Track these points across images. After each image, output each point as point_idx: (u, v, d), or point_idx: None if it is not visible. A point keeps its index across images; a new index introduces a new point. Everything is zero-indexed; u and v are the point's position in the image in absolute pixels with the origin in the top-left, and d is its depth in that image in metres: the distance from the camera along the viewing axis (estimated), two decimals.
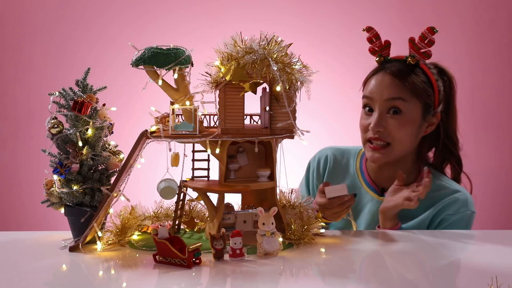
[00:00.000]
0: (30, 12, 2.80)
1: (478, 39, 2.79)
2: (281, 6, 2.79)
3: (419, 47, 1.60)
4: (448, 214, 1.59)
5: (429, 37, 1.57)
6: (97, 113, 1.35)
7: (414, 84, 1.60)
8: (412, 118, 1.61)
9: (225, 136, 1.32)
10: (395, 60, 1.65)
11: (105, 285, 1.14)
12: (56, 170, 1.31)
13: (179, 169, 1.37)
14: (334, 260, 1.28)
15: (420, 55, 1.61)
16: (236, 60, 1.30)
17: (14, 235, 1.46)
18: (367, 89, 1.65)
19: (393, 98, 1.60)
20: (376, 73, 1.65)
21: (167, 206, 1.50)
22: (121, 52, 2.36)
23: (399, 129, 1.60)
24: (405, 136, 1.61)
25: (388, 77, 1.61)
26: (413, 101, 1.60)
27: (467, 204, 1.61)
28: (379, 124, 1.61)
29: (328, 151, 1.82)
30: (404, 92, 1.60)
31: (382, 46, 1.65)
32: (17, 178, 2.86)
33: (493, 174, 2.81)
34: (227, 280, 1.15)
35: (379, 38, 1.64)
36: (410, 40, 1.60)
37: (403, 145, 1.63)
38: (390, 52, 1.66)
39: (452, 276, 1.21)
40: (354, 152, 1.80)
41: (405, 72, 1.61)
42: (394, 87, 1.60)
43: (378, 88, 1.62)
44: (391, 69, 1.62)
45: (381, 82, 1.62)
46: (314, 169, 1.82)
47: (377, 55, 1.66)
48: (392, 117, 1.60)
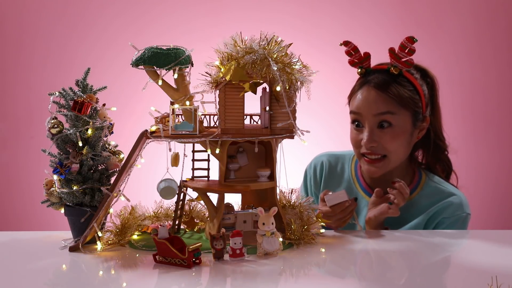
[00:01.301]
0: (30, 12, 2.80)
1: (478, 39, 2.79)
2: (281, 6, 2.78)
3: (400, 57, 1.57)
4: (443, 217, 1.59)
5: (409, 46, 1.54)
6: (97, 113, 1.35)
7: (400, 95, 1.57)
8: (403, 129, 1.59)
9: (225, 136, 1.32)
10: (377, 71, 1.62)
11: (105, 285, 1.14)
12: (56, 170, 1.31)
13: (179, 169, 1.37)
14: (334, 260, 1.28)
15: (402, 64, 1.58)
16: (236, 60, 1.30)
17: (14, 235, 1.46)
18: (353, 104, 1.62)
19: (381, 113, 1.57)
20: (361, 87, 1.62)
21: (167, 206, 1.51)
22: (121, 52, 2.36)
23: (392, 142, 1.58)
24: (399, 147, 1.60)
25: (373, 91, 1.58)
26: (401, 112, 1.58)
27: (462, 207, 1.60)
28: (372, 140, 1.58)
29: (323, 158, 1.81)
30: (392, 104, 1.57)
31: (361, 58, 1.62)
32: (17, 178, 2.86)
33: (494, 174, 2.81)
34: (227, 280, 1.15)
35: (358, 51, 1.61)
36: (390, 51, 1.58)
37: (399, 155, 1.62)
38: (370, 63, 1.63)
39: (452, 276, 1.21)
40: (348, 158, 1.79)
41: (389, 83, 1.58)
42: (380, 102, 1.58)
43: (365, 103, 1.59)
44: (375, 81, 1.59)
45: (367, 97, 1.59)
46: (311, 176, 1.82)
47: (357, 67, 1.63)
48: (383, 131, 1.58)
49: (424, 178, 1.67)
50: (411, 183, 1.66)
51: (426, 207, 1.61)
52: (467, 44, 2.79)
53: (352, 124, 1.65)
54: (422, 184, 1.66)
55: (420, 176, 1.68)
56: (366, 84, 1.61)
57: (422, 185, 1.66)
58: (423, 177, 1.68)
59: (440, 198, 1.62)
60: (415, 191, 1.65)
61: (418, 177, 1.68)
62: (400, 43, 1.55)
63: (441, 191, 1.64)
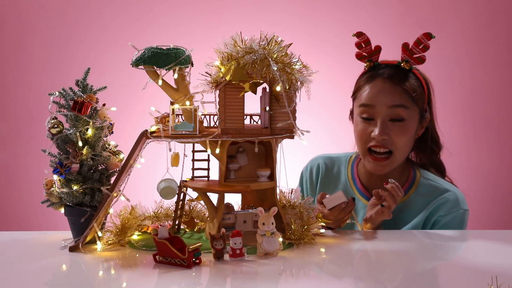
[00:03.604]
0: (30, 12, 2.80)
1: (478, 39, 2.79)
2: (281, 6, 2.78)
3: (413, 52, 1.56)
4: (440, 215, 1.58)
5: (425, 42, 1.54)
6: (97, 113, 1.35)
7: (414, 89, 1.57)
8: (411, 125, 1.59)
9: (225, 136, 1.32)
10: (387, 65, 1.61)
11: (105, 285, 1.14)
12: (56, 170, 1.31)
13: (179, 169, 1.37)
14: (334, 260, 1.28)
15: (414, 60, 1.57)
16: (236, 60, 1.30)
17: (14, 235, 1.46)
18: (363, 97, 1.60)
19: (396, 105, 1.56)
20: (371, 79, 1.60)
21: (167, 206, 1.50)
22: (121, 52, 2.36)
23: (401, 136, 1.58)
24: (406, 142, 1.60)
25: (388, 83, 1.57)
26: (413, 107, 1.59)
27: (458, 203, 1.60)
28: (384, 132, 1.57)
29: (319, 160, 1.80)
30: (406, 98, 1.57)
31: (371, 52, 1.61)
32: (17, 178, 2.86)
33: (494, 174, 2.81)
34: (227, 280, 1.15)
35: (369, 43, 1.60)
36: (404, 46, 1.57)
37: (404, 152, 1.61)
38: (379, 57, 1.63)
39: (452, 276, 1.21)
40: (344, 160, 1.78)
41: (403, 76, 1.58)
42: (396, 94, 1.57)
43: (379, 94, 1.57)
44: (388, 73, 1.58)
45: (381, 88, 1.58)
46: (307, 179, 1.81)
47: (365, 60, 1.62)
48: (394, 124, 1.57)
49: (419, 177, 1.67)
50: (406, 182, 1.66)
51: (422, 206, 1.61)
52: (467, 44, 2.79)
53: (359, 118, 1.62)
54: (416, 183, 1.65)
55: (414, 175, 1.67)
56: (378, 76, 1.59)
57: (416, 184, 1.65)
58: (417, 176, 1.67)
59: (434, 196, 1.61)
60: (410, 190, 1.64)
61: (413, 176, 1.67)
62: (417, 38, 1.55)
63: (435, 188, 1.63)
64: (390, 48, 1.66)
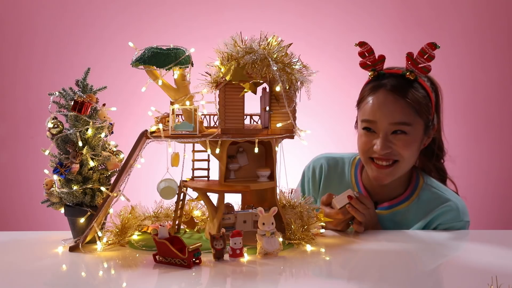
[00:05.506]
0: (29, 12, 2.80)
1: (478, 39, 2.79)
2: (281, 6, 2.79)
3: (418, 62, 1.51)
4: (439, 224, 1.56)
5: (429, 52, 1.49)
6: (97, 113, 1.35)
7: (418, 101, 1.52)
8: (416, 138, 1.55)
9: (225, 136, 1.32)
10: (391, 75, 1.56)
11: (105, 285, 1.14)
12: (56, 170, 1.31)
13: (179, 169, 1.37)
14: (334, 260, 1.28)
15: (419, 70, 1.52)
16: (236, 60, 1.30)
17: (14, 235, 1.46)
18: (366, 111, 1.56)
19: (397, 123, 1.52)
20: (374, 91, 1.56)
21: (167, 206, 1.50)
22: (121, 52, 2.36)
23: (405, 149, 1.54)
24: (411, 153, 1.56)
25: (391, 96, 1.52)
26: (416, 121, 1.54)
27: (459, 215, 1.56)
28: (386, 147, 1.53)
29: (322, 160, 1.77)
30: (408, 114, 1.52)
31: (375, 61, 1.56)
32: (17, 178, 2.86)
33: (494, 174, 2.82)
34: (227, 280, 1.15)
35: (373, 53, 1.55)
36: (408, 55, 1.52)
37: (410, 162, 1.58)
38: (383, 66, 1.58)
39: (452, 276, 1.21)
40: (348, 161, 1.75)
41: (406, 88, 1.53)
42: (398, 110, 1.52)
43: (381, 110, 1.53)
44: (391, 84, 1.53)
45: (383, 102, 1.53)
46: (310, 178, 1.78)
47: (369, 69, 1.57)
48: (396, 137, 1.53)
49: (421, 183, 1.63)
50: (408, 187, 1.64)
51: (422, 213, 1.58)
52: (467, 44, 2.79)
53: (361, 130, 1.58)
54: (418, 189, 1.62)
55: (417, 182, 1.64)
56: (381, 88, 1.55)
57: (418, 191, 1.62)
58: (420, 182, 1.64)
59: (436, 204, 1.57)
60: (412, 196, 1.62)
61: (415, 183, 1.64)
62: (421, 49, 1.50)
63: (437, 197, 1.60)
64: (390, 48, 1.65)
